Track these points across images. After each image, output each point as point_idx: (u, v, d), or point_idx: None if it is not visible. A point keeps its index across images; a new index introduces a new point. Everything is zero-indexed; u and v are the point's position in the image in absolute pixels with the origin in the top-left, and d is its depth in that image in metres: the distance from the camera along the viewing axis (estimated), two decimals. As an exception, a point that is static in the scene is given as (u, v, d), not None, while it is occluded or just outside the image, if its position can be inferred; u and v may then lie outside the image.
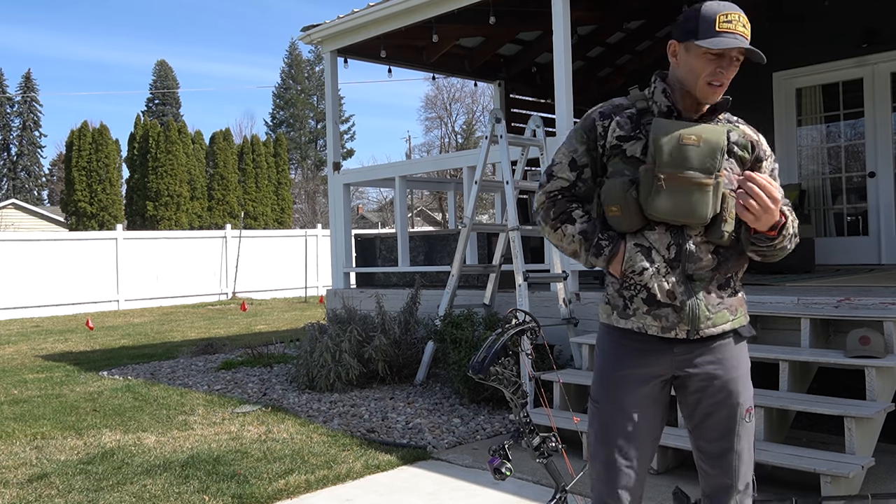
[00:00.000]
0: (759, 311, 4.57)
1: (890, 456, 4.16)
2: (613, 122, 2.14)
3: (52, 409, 6.23)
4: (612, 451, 2.16)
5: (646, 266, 2.08)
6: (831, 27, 8.05)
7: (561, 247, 2.21)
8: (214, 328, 12.23)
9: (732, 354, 2.16)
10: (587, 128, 2.17)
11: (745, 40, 2.04)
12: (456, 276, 6.22)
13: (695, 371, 2.13)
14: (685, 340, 2.11)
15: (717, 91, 2.07)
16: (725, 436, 2.15)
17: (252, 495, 3.90)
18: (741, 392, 2.15)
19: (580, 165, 2.18)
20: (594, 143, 2.16)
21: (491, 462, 2.40)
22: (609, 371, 2.19)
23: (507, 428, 5.06)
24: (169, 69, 54.79)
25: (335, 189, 8.16)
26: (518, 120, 9.82)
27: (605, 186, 2.12)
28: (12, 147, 53.37)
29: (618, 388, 2.16)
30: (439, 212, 39.55)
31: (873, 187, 7.99)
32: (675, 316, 2.09)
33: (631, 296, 2.12)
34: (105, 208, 24.06)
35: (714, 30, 2.01)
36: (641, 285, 2.10)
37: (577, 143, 2.18)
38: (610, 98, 2.27)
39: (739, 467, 2.16)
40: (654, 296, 2.09)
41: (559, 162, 2.21)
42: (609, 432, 2.16)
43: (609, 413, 2.17)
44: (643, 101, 2.17)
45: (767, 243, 2.08)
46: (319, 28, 7.99)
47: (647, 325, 2.12)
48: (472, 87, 40.03)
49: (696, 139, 2.04)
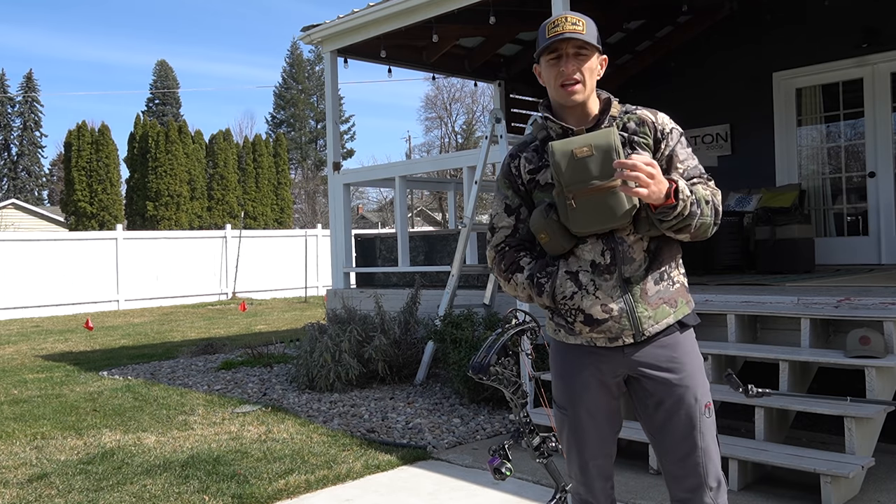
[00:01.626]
0: (759, 311, 4.57)
1: (890, 456, 4.16)
2: (522, 160, 2.26)
3: (52, 409, 6.23)
4: (583, 454, 2.29)
5: (574, 290, 2.15)
6: (831, 27, 8.05)
7: (517, 296, 2.29)
8: (214, 328, 12.23)
9: (684, 350, 2.20)
10: (505, 173, 2.29)
11: (573, 34, 2.09)
12: (456, 276, 6.22)
13: (650, 373, 2.17)
14: (633, 343, 2.17)
15: (572, 90, 2.12)
16: (688, 435, 2.16)
17: (252, 495, 3.90)
18: (697, 388, 2.18)
19: (514, 208, 2.27)
20: (515, 183, 2.26)
21: (491, 462, 2.40)
22: (568, 380, 2.27)
23: (507, 428, 5.06)
24: (169, 69, 54.80)
25: (335, 189, 8.16)
26: (518, 120, 9.82)
27: (531, 218, 2.21)
28: (13, 147, 53.37)
29: (580, 395, 2.24)
30: (439, 212, 39.54)
31: (873, 187, 7.99)
32: (618, 326, 2.14)
33: (572, 320, 2.19)
34: (105, 208, 24.06)
35: (545, 38, 2.13)
36: (576, 309, 2.16)
37: (504, 190, 2.29)
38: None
39: (707, 465, 2.17)
40: (591, 316, 2.15)
41: (496, 213, 2.32)
42: (579, 437, 2.28)
43: (575, 419, 2.27)
44: (542, 131, 2.24)
45: (672, 213, 2.03)
46: (319, 28, 7.99)
47: (593, 339, 2.19)
48: (472, 87, 40.04)
49: (587, 150, 2.07)
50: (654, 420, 2.21)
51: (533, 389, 4.96)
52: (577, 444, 2.28)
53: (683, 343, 2.20)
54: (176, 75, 55.28)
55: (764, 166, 8.56)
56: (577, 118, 2.18)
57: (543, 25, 2.16)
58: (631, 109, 2.22)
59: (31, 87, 53.81)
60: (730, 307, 4.69)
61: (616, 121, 2.18)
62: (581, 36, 2.09)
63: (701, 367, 2.23)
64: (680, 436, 2.16)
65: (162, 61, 57.48)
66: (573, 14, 2.14)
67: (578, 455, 2.29)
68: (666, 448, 2.20)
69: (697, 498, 2.17)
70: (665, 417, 2.17)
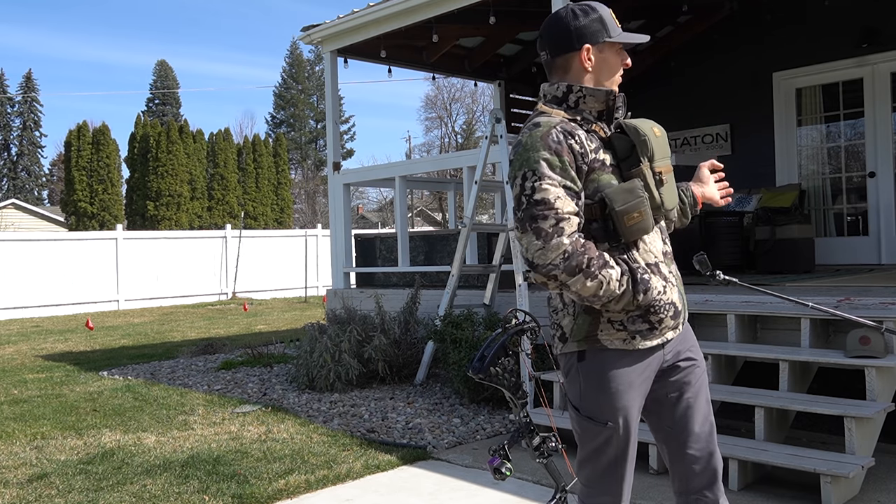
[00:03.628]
0: (759, 311, 4.57)
1: (890, 456, 4.16)
2: (581, 137, 2.03)
3: (52, 409, 6.23)
4: (625, 467, 2.13)
5: (664, 283, 2.09)
6: (831, 27, 8.05)
7: (598, 297, 1.97)
8: (214, 328, 12.23)
9: (692, 333, 2.26)
10: (564, 150, 1.99)
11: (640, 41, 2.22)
12: (456, 276, 6.22)
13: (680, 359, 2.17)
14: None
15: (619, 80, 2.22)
16: (708, 415, 2.19)
17: (252, 495, 3.90)
18: (706, 369, 2.29)
19: (577, 192, 2.00)
20: (575, 162, 2.00)
21: (491, 462, 2.39)
22: (624, 393, 2.08)
23: (507, 428, 5.06)
24: (169, 69, 54.80)
25: (335, 189, 8.16)
26: (518, 120, 9.83)
27: (617, 196, 2.01)
28: (12, 147, 53.37)
29: (633, 407, 2.10)
30: (439, 212, 39.54)
31: (873, 187, 7.99)
32: (683, 314, 2.17)
33: (660, 318, 2.08)
34: (105, 208, 24.06)
35: (615, 27, 2.16)
36: (669, 303, 2.09)
37: (568, 170, 1.98)
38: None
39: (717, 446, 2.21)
40: (678, 308, 2.13)
41: (557, 197, 1.95)
42: (627, 451, 2.12)
43: (626, 432, 2.10)
44: (569, 114, 2.11)
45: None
46: (319, 28, 7.99)
47: (667, 335, 2.13)
48: (472, 87, 40.03)
49: (658, 131, 2.13)
50: (677, 409, 2.16)
51: (533, 389, 4.96)
52: (622, 458, 2.12)
53: (689, 328, 2.26)
54: (176, 75, 55.32)
55: (764, 166, 8.56)
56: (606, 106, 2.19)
57: (602, 10, 2.15)
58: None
59: (31, 87, 53.81)
60: (730, 307, 4.69)
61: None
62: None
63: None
64: (702, 417, 2.17)
65: (162, 61, 57.51)
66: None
67: (619, 469, 2.12)
68: (687, 435, 2.15)
69: (719, 480, 2.17)
70: (688, 403, 2.16)
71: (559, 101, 2.12)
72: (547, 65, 2.19)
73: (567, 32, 2.12)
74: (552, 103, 2.13)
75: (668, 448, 2.22)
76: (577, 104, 2.11)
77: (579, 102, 2.11)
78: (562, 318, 2.14)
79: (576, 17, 2.12)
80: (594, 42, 2.11)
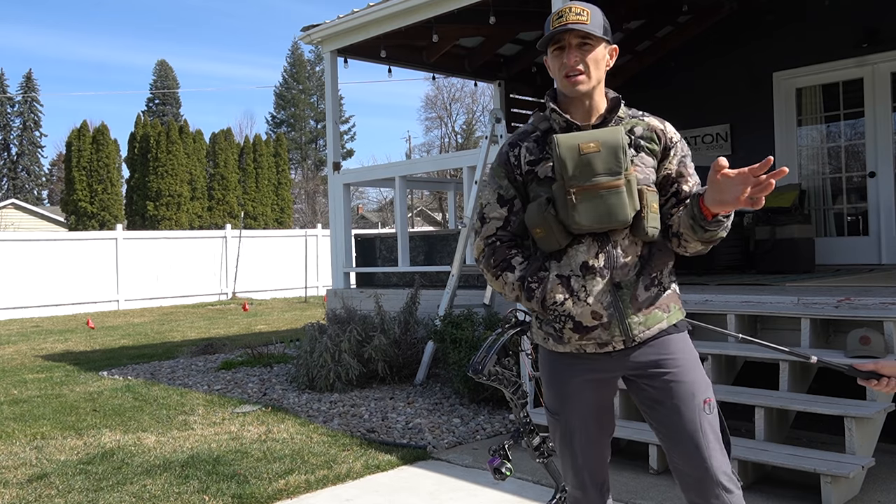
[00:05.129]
0: (759, 311, 4.57)
1: (890, 456, 4.16)
2: (522, 149, 2.20)
3: (52, 409, 6.23)
4: (576, 459, 2.26)
5: (565, 297, 2.12)
6: (831, 27, 8.05)
7: (504, 293, 2.24)
8: (214, 328, 12.23)
9: (676, 347, 2.17)
10: (502, 161, 2.22)
11: (576, 25, 2.09)
12: (456, 276, 6.22)
13: (645, 372, 2.16)
14: (624, 349, 2.15)
15: (575, 80, 2.12)
16: (693, 433, 2.12)
17: (252, 495, 3.90)
18: (694, 384, 2.14)
19: (508, 199, 2.21)
20: (512, 174, 2.20)
21: (491, 462, 2.39)
22: (558, 388, 2.24)
23: (507, 428, 5.06)
24: (169, 69, 54.79)
25: (335, 189, 8.16)
26: (518, 120, 9.82)
27: (527, 211, 2.17)
28: (12, 147, 53.37)
29: (571, 401, 2.22)
30: (439, 212, 39.54)
31: (873, 187, 7.99)
32: (607, 333, 2.11)
33: (560, 327, 2.15)
34: (105, 208, 24.06)
35: (550, 29, 2.13)
36: (566, 315, 2.13)
37: (499, 179, 2.22)
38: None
39: (711, 460, 2.11)
40: (581, 323, 2.12)
41: (488, 202, 2.24)
42: (572, 443, 2.25)
43: (567, 425, 2.25)
44: (545, 122, 2.21)
45: (724, 223, 2.05)
46: (319, 28, 7.99)
47: (583, 346, 2.16)
48: (472, 87, 40.03)
49: (594, 146, 2.07)
50: (657, 417, 2.18)
51: (533, 389, 4.96)
52: (570, 449, 2.26)
53: (675, 341, 2.17)
54: (176, 75, 55.33)
55: (764, 166, 8.54)
56: (583, 113, 2.17)
57: (549, 17, 2.17)
58: (638, 115, 2.22)
59: (31, 87, 53.81)
60: (730, 307, 4.69)
61: (623, 122, 2.18)
62: (583, 27, 2.08)
63: (696, 362, 2.19)
64: (685, 433, 2.12)
65: (162, 61, 57.52)
66: (578, 4, 2.14)
67: (572, 460, 2.27)
68: (671, 445, 2.17)
69: (709, 492, 2.11)
70: (666, 415, 2.14)
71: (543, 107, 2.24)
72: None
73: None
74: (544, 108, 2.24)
75: (666, 453, 2.24)
76: (550, 113, 2.20)
77: (549, 110, 2.20)
78: None
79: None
80: (545, 50, 2.21)
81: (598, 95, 2.17)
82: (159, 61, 59.64)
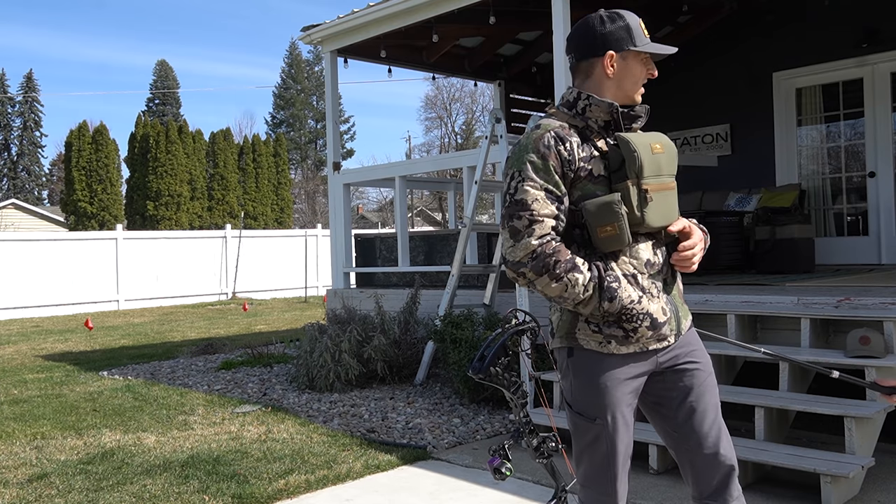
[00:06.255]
0: (759, 311, 4.57)
1: (890, 456, 4.16)
2: (572, 144, 2.08)
3: (52, 409, 6.23)
4: (616, 465, 2.15)
5: (640, 294, 2.11)
6: (831, 27, 8.05)
7: (560, 297, 2.06)
8: (214, 328, 12.23)
9: (696, 339, 2.27)
10: (554, 154, 2.06)
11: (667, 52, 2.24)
12: (456, 276, 6.22)
13: (680, 362, 2.20)
14: (673, 343, 2.19)
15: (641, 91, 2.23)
16: (716, 418, 2.19)
17: (252, 495, 3.90)
18: (712, 371, 2.25)
19: (559, 196, 2.07)
20: (565, 168, 2.07)
21: (491, 462, 2.39)
22: (609, 392, 2.13)
23: (507, 428, 5.06)
24: (169, 69, 54.81)
25: (335, 189, 8.16)
26: (518, 120, 9.82)
27: (592, 209, 2.07)
28: (13, 147, 53.37)
29: (620, 405, 2.14)
30: (439, 212, 39.54)
31: (873, 187, 7.99)
32: (669, 327, 2.16)
33: (636, 326, 2.10)
34: (105, 208, 24.06)
35: (643, 37, 2.17)
36: (644, 313, 2.11)
37: (552, 174, 2.05)
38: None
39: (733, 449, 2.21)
40: (656, 319, 2.12)
41: (535, 199, 2.04)
42: (615, 448, 2.14)
43: (614, 430, 2.13)
44: (574, 120, 2.16)
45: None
46: (319, 28, 7.99)
47: (647, 343, 2.14)
48: (472, 87, 40.04)
49: (660, 147, 2.14)
50: (680, 412, 2.18)
51: (533, 389, 4.96)
52: (613, 456, 2.15)
53: (695, 333, 2.28)
54: (176, 75, 55.34)
55: (764, 166, 8.56)
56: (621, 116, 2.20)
57: (630, 18, 2.17)
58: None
59: (31, 87, 53.82)
60: (730, 307, 4.69)
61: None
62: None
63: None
64: (711, 420, 2.17)
65: (162, 61, 57.50)
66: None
67: (610, 466, 2.16)
68: (695, 438, 2.17)
69: (732, 483, 2.17)
70: (692, 406, 2.17)
71: (570, 105, 2.18)
72: (572, 68, 2.24)
73: (592, 37, 2.17)
74: (564, 107, 2.19)
75: (677, 454, 2.24)
76: (584, 111, 2.16)
77: (586, 110, 2.16)
78: (552, 313, 2.26)
79: (602, 23, 2.16)
80: (618, 49, 2.15)
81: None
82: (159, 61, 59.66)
